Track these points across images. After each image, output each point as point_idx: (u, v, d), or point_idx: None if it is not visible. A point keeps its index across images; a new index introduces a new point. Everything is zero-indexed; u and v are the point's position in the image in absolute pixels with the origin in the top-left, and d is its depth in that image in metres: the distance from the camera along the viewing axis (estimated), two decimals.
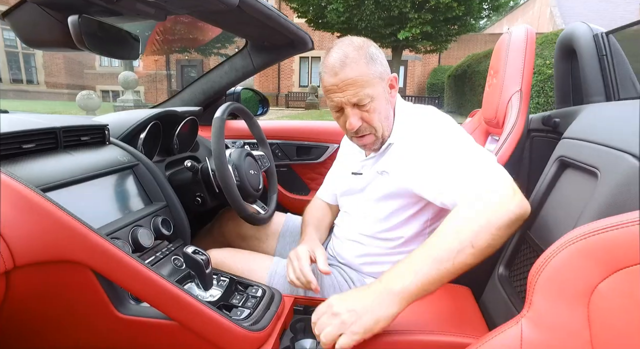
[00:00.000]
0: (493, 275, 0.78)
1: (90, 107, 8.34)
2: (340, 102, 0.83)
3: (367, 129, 0.87)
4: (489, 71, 1.01)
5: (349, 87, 0.81)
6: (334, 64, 0.81)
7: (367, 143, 0.90)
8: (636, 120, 0.57)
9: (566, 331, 0.46)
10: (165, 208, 0.92)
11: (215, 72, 1.38)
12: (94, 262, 0.63)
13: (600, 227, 0.46)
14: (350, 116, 0.84)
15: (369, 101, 0.82)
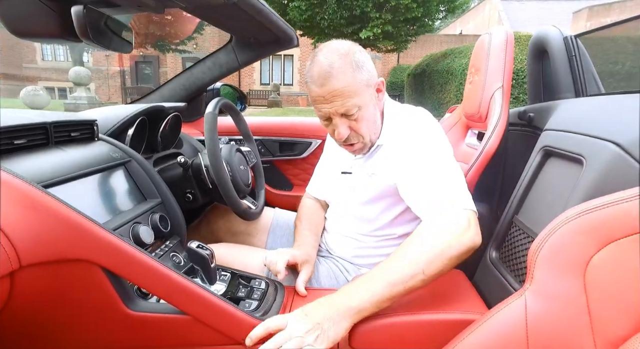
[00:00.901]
0: (484, 258, 0.84)
1: (37, 104, 7.78)
2: (327, 113, 0.84)
3: (355, 137, 0.88)
4: (470, 69, 1.08)
5: (336, 99, 0.81)
6: (319, 74, 0.80)
7: (356, 150, 0.92)
8: (615, 112, 0.64)
9: (565, 299, 0.52)
10: (160, 205, 0.90)
11: (197, 67, 1.35)
12: (105, 259, 0.61)
13: (593, 206, 0.52)
14: (339, 126, 0.84)
15: (356, 110, 0.83)
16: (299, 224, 1.08)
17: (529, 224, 0.72)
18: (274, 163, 1.57)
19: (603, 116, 0.65)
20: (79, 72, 8.42)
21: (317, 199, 1.18)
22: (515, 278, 0.72)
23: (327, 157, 1.17)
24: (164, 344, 0.68)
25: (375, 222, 0.97)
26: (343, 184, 1.02)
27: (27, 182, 0.58)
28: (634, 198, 0.49)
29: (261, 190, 1.27)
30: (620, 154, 0.56)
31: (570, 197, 0.61)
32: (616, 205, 0.50)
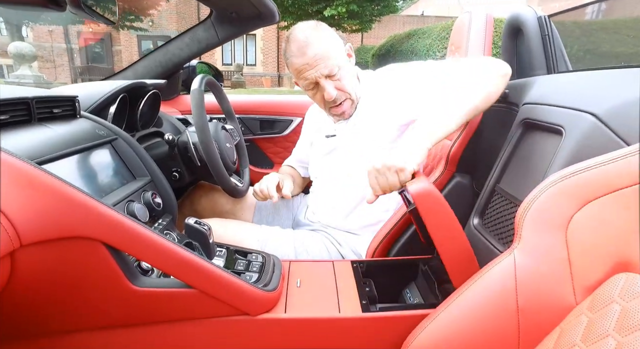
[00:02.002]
0: (468, 225, 0.90)
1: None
2: (314, 78, 0.92)
3: (342, 95, 0.96)
4: (450, 47, 1.12)
5: (318, 62, 0.90)
6: (299, 46, 0.90)
7: (345, 110, 0.99)
8: (590, 86, 0.71)
9: (549, 254, 0.58)
10: (150, 183, 0.89)
11: (174, 43, 1.30)
12: (108, 236, 0.61)
13: (573, 171, 0.58)
14: (327, 88, 0.92)
15: (337, 70, 0.92)
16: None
17: (511, 191, 0.78)
18: (254, 141, 1.56)
19: (579, 90, 0.71)
20: (20, 47, 7.68)
21: (294, 170, 1.27)
22: (499, 241, 0.78)
23: (308, 131, 1.23)
24: (170, 318, 0.69)
25: (363, 182, 1.01)
26: (329, 147, 1.07)
27: (23, 160, 0.55)
28: (608, 162, 0.56)
29: (245, 168, 1.27)
30: (597, 124, 0.62)
31: (552, 164, 0.67)
32: (593, 169, 0.56)
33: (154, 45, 17.17)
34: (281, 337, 0.72)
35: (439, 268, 0.85)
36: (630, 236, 0.52)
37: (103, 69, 16.61)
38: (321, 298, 0.78)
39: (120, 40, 17.28)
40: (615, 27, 2.96)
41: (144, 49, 17.33)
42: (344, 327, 0.72)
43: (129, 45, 17.27)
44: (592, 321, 0.52)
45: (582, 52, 2.77)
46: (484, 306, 0.61)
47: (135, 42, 17.21)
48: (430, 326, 0.65)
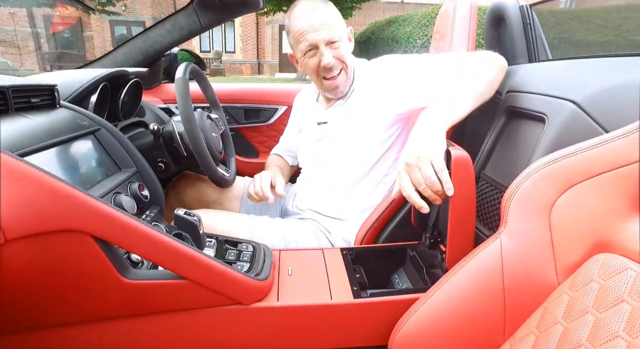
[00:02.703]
0: None
1: None
2: (314, 41, 0.92)
3: (339, 65, 0.96)
4: (434, 35, 1.13)
5: (322, 27, 0.91)
6: (305, 9, 0.92)
7: (340, 83, 0.99)
8: (571, 74, 0.73)
9: (533, 237, 0.61)
10: (136, 174, 0.87)
11: (154, 30, 1.26)
12: (97, 228, 0.59)
13: (555, 157, 0.60)
14: (325, 53, 0.93)
15: (338, 40, 0.94)
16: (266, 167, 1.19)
17: (495, 177, 0.81)
18: (239, 131, 1.55)
19: (561, 78, 0.74)
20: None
21: (282, 159, 1.26)
22: (485, 226, 0.81)
23: (297, 119, 1.22)
24: (163, 309, 0.69)
25: (354, 169, 1.03)
26: (320, 134, 1.07)
27: (3, 152, 0.53)
28: (588, 149, 0.58)
29: (231, 157, 1.26)
30: (577, 111, 0.65)
31: (535, 151, 0.69)
32: (574, 155, 0.59)
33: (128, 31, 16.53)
34: (274, 325, 0.73)
35: (426, 253, 0.88)
36: (609, 219, 0.55)
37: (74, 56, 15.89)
38: (313, 285, 0.79)
39: (92, 25, 16.53)
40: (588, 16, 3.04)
41: (117, 35, 16.67)
42: (336, 313, 0.74)
43: (100, 30, 16.56)
44: (573, 300, 0.55)
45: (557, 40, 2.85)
46: (471, 288, 0.64)
47: (107, 27, 16.52)
48: (420, 309, 0.68)
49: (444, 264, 0.80)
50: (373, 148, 1.01)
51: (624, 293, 0.49)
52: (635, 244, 0.51)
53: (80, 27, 17.03)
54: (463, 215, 0.72)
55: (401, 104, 0.96)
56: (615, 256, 0.53)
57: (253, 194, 1.01)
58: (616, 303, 0.49)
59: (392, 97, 0.96)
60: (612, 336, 0.47)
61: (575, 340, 0.51)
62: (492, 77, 0.81)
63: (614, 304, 0.49)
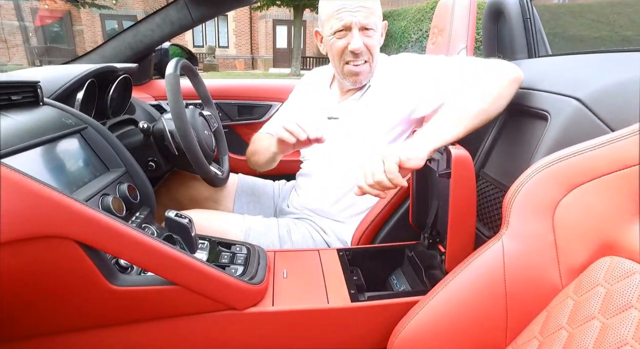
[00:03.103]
0: None
1: None
2: (349, 22, 0.87)
3: (365, 54, 0.92)
4: (432, 30, 1.10)
5: (361, 10, 0.86)
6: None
7: (362, 71, 0.94)
8: (573, 70, 0.71)
9: (536, 239, 0.59)
10: (125, 175, 0.84)
11: (144, 24, 1.22)
12: (82, 233, 0.56)
13: (559, 157, 0.58)
14: (356, 36, 0.88)
15: (373, 28, 0.89)
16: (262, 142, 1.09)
17: (496, 176, 0.79)
18: (232, 128, 1.51)
19: (563, 74, 0.72)
20: None
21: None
22: (484, 226, 0.79)
23: (305, 100, 1.13)
24: (154, 316, 0.66)
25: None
26: (329, 130, 1.00)
27: None
28: (594, 148, 0.56)
29: (225, 155, 1.23)
30: (582, 109, 0.63)
31: (537, 150, 0.67)
32: (579, 155, 0.57)
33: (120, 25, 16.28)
34: (269, 330, 0.70)
35: (425, 254, 0.86)
36: (615, 221, 0.54)
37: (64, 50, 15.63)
38: (308, 288, 0.77)
39: (82, 19, 16.25)
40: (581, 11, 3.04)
41: (108, 29, 16.42)
42: (333, 317, 0.72)
43: (91, 24, 16.30)
44: (578, 304, 0.53)
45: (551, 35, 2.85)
46: (472, 291, 0.62)
47: (98, 21, 16.27)
48: (420, 312, 0.66)
49: (443, 266, 0.78)
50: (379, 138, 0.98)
51: (633, 298, 0.47)
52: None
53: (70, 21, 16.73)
54: (463, 215, 0.70)
55: (410, 109, 0.93)
56: (622, 259, 0.51)
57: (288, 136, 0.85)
58: (624, 308, 0.48)
59: (406, 102, 0.93)
60: (620, 343, 0.45)
61: (581, 347, 0.49)
62: (502, 93, 0.74)
63: (622, 310, 0.48)
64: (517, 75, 0.76)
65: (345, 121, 1.00)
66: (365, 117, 0.97)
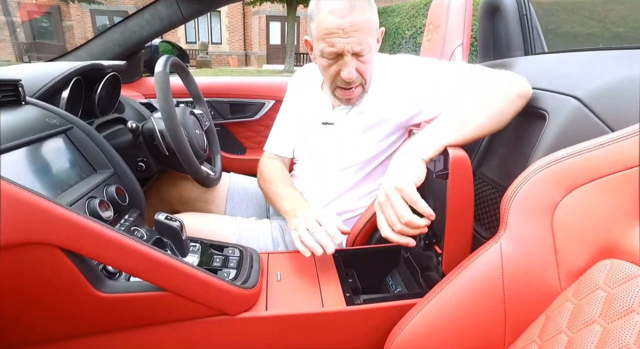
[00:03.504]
0: None
1: None
2: (342, 49, 0.79)
3: (358, 80, 0.86)
4: (427, 26, 1.09)
5: (355, 33, 0.77)
6: (342, 5, 0.76)
7: (354, 96, 0.89)
8: (572, 68, 0.70)
9: (535, 241, 0.58)
10: (114, 176, 0.81)
11: (132, 20, 1.18)
12: (65, 240, 0.54)
13: (559, 157, 0.57)
14: (350, 65, 0.81)
15: (368, 51, 0.81)
16: (279, 186, 0.96)
17: (493, 176, 0.78)
18: (225, 126, 1.49)
19: (561, 72, 0.70)
20: None
21: (280, 158, 1.10)
22: (482, 226, 0.78)
23: (296, 111, 1.08)
24: (144, 323, 0.64)
25: (352, 174, 0.97)
26: (324, 135, 0.98)
27: None
28: (593, 149, 0.55)
29: (217, 155, 1.21)
30: (581, 108, 0.61)
31: (535, 149, 0.66)
32: (579, 155, 0.56)
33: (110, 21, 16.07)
34: (263, 336, 0.69)
35: (421, 255, 0.85)
36: (615, 223, 0.52)
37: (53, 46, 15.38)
38: (303, 292, 0.75)
39: (71, 14, 15.99)
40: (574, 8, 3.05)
41: (99, 25, 16.19)
42: (328, 321, 0.70)
43: (81, 20, 16.06)
44: (578, 308, 0.52)
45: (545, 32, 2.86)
46: (470, 294, 0.61)
47: (88, 17, 16.03)
48: (417, 316, 0.64)
49: (440, 267, 0.77)
50: (376, 156, 0.95)
51: (634, 303, 0.46)
52: None
53: (59, 16, 16.45)
54: (460, 216, 0.69)
55: (413, 117, 0.89)
56: (622, 262, 0.50)
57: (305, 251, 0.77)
58: (625, 313, 0.46)
59: (405, 111, 0.88)
60: (622, 348, 0.44)
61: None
62: (504, 108, 0.68)
63: (623, 315, 0.46)
64: (524, 90, 0.70)
65: (340, 127, 0.95)
66: (361, 124, 0.93)
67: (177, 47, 1.54)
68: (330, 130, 0.97)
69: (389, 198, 0.64)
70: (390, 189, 0.64)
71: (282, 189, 0.94)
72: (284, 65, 13.81)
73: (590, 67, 0.68)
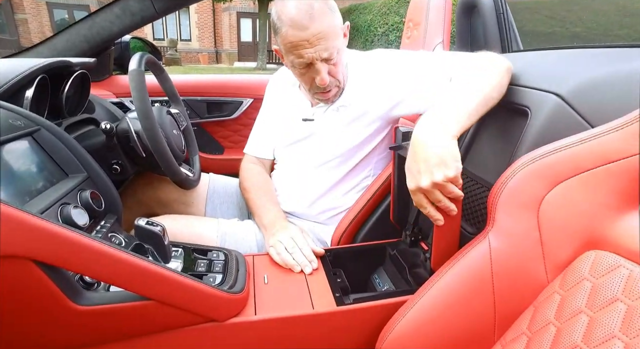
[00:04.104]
0: None
1: None
2: (310, 58, 0.80)
3: (333, 82, 0.87)
4: (407, 24, 1.09)
5: (320, 42, 0.78)
6: (301, 17, 0.76)
7: (331, 96, 0.90)
8: (552, 66, 0.72)
9: (522, 235, 0.59)
10: (87, 180, 0.76)
11: (100, 15, 1.12)
12: (37, 251, 0.50)
13: (543, 153, 0.58)
14: (322, 72, 0.82)
15: (336, 54, 0.82)
16: (259, 197, 0.97)
17: (477, 172, 0.79)
18: (202, 126, 1.44)
19: (542, 70, 0.72)
20: None
21: (261, 163, 1.10)
22: (467, 222, 0.79)
23: (275, 111, 1.07)
24: (128, 334, 0.61)
25: (335, 171, 0.97)
26: (304, 132, 0.98)
27: None
28: (576, 144, 0.56)
29: (195, 155, 1.17)
30: (562, 105, 0.63)
31: (519, 146, 0.67)
32: (563, 150, 0.57)
33: (70, 15, 15.29)
34: (254, 341, 0.67)
35: (408, 252, 0.85)
36: (599, 215, 0.54)
37: (6, 41, 14.45)
38: (292, 293, 0.74)
39: (24, 7, 15.02)
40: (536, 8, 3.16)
41: (57, 19, 15.34)
42: (319, 323, 0.69)
43: (36, 13, 15.14)
44: (565, 299, 0.53)
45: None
46: (461, 290, 0.62)
47: (45, 10, 15.14)
48: (409, 313, 0.64)
49: (427, 264, 0.78)
50: (357, 150, 0.95)
51: (618, 292, 0.48)
52: (627, 241, 0.50)
53: (10, 8, 15.41)
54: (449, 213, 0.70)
55: (395, 108, 0.89)
56: (606, 253, 0.52)
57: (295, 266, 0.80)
58: (610, 302, 0.48)
59: (385, 101, 0.89)
60: (608, 336, 0.46)
61: (569, 341, 0.49)
62: (502, 81, 0.71)
63: (608, 303, 0.48)
64: (509, 65, 0.74)
65: (321, 122, 0.96)
66: (341, 118, 0.93)
67: (148, 43, 1.48)
68: (310, 126, 0.97)
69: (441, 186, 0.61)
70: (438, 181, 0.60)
71: (261, 200, 0.97)
72: (257, 63, 13.63)
73: (570, 65, 0.70)
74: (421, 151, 0.62)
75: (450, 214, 0.65)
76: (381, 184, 0.94)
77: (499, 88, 0.70)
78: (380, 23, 8.16)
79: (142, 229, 0.67)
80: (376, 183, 0.96)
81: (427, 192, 0.62)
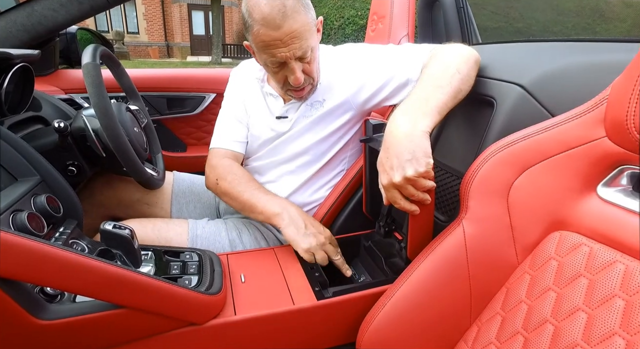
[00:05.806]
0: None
1: None
2: (284, 58, 0.77)
3: (307, 80, 0.85)
4: (371, 17, 1.10)
5: (293, 41, 0.75)
6: (273, 16, 0.72)
7: (305, 93, 0.88)
8: (514, 58, 0.75)
9: (494, 220, 0.62)
10: (41, 184, 0.70)
11: (41, 3, 1.01)
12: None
13: (511, 141, 0.62)
14: (296, 71, 0.80)
15: (310, 53, 0.80)
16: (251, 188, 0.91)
17: (446, 161, 0.81)
18: (162, 122, 1.37)
19: (505, 62, 0.75)
20: None
21: (234, 156, 1.01)
22: (439, 210, 0.82)
23: (243, 106, 1.02)
24: (102, 346, 0.57)
25: (309, 166, 0.96)
26: (280, 129, 0.95)
27: None
28: (541, 132, 0.60)
29: (158, 153, 1.11)
30: (525, 95, 0.66)
31: (486, 135, 0.70)
32: (529, 138, 0.60)
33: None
34: (236, 341, 0.65)
35: (382, 243, 0.87)
36: (563, 198, 0.58)
37: None
38: (270, 291, 0.72)
39: None
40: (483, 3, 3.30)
41: None
42: (300, 318, 0.69)
43: None
44: (534, 278, 0.57)
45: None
46: (438, 278, 0.64)
47: None
48: (389, 303, 0.66)
49: (403, 253, 0.80)
50: (332, 145, 0.94)
51: (581, 268, 0.52)
52: (587, 221, 0.54)
53: None
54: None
55: (367, 101, 0.89)
56: (570, 233, 0.55)
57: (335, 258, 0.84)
58: (575, 277, 0.52)
59: (357, 94, 0.89)
60: (573, 309, 0.49)
61: (540, 316, 0.53)
62: (471, 73, 0.73)
63: (573, 279, 0.52)
64: (478, 57, 0.76)
65: (294, 119, 0.93)
66: (315, 113, 0.92)
67: (97, 35, 1.38)
68: (285, 123, 0.94)
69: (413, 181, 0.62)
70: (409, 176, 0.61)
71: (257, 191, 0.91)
72: (211, 57, 13.21)
73: (531, 58, 0.74)
74: (393, 147, 0.63)
75: (424, 204, 0.66)
76: (353, 177, 0.95)
77: (468, 81, 0.72)
78: (336, 16, 8.19)
79: (109, 233, 0.63)
80: (348, 176, 0.96)
81: (400, 188, 0.63)
